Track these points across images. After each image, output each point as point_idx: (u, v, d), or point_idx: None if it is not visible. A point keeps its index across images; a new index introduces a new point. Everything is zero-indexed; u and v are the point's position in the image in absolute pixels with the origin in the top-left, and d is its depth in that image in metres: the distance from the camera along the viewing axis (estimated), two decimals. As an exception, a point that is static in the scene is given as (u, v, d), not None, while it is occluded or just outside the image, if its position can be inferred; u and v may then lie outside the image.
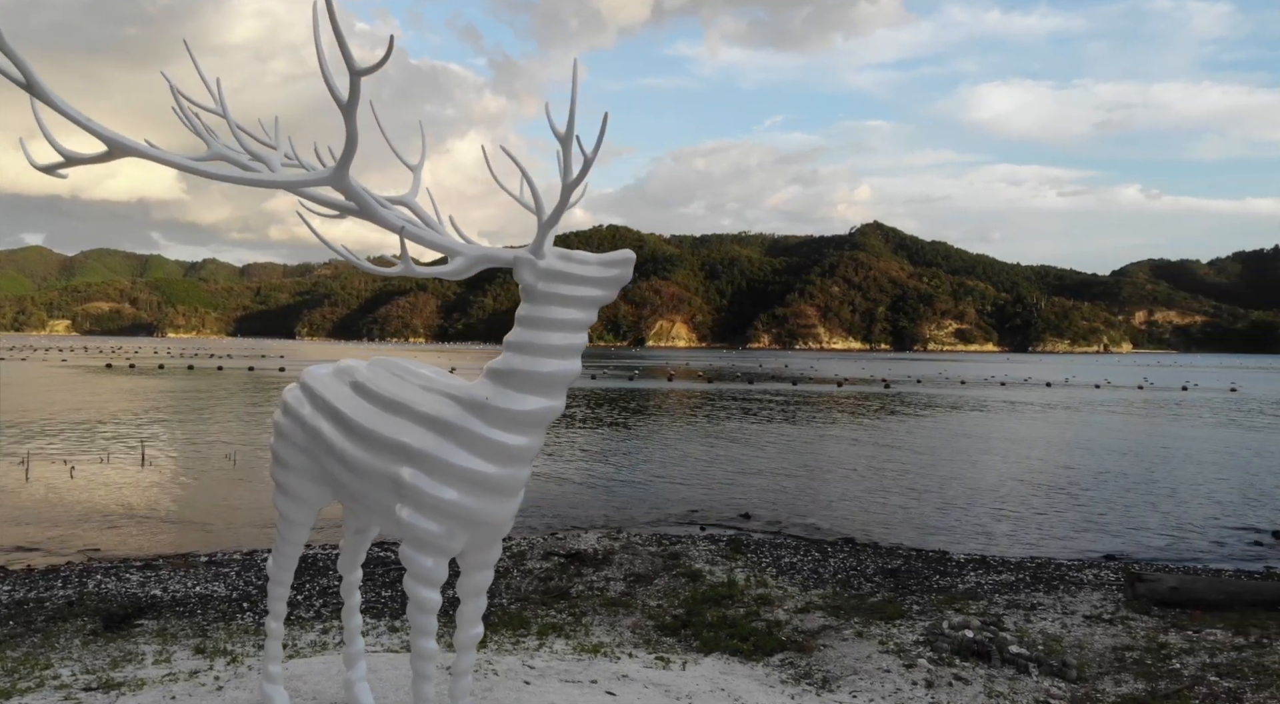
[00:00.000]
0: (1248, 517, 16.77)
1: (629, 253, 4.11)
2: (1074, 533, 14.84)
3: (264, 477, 18.87)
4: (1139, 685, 6.83)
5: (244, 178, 3.55)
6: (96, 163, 3.32)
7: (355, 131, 3.41)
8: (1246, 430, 35.45)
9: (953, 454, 25.69)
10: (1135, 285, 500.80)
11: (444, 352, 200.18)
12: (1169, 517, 16.59)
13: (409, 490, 3.83)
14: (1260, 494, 19.50)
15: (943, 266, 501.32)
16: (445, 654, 6.07)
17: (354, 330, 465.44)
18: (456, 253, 3.92)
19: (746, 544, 12.25)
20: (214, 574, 10.12)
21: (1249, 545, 14.27)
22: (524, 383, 3.82)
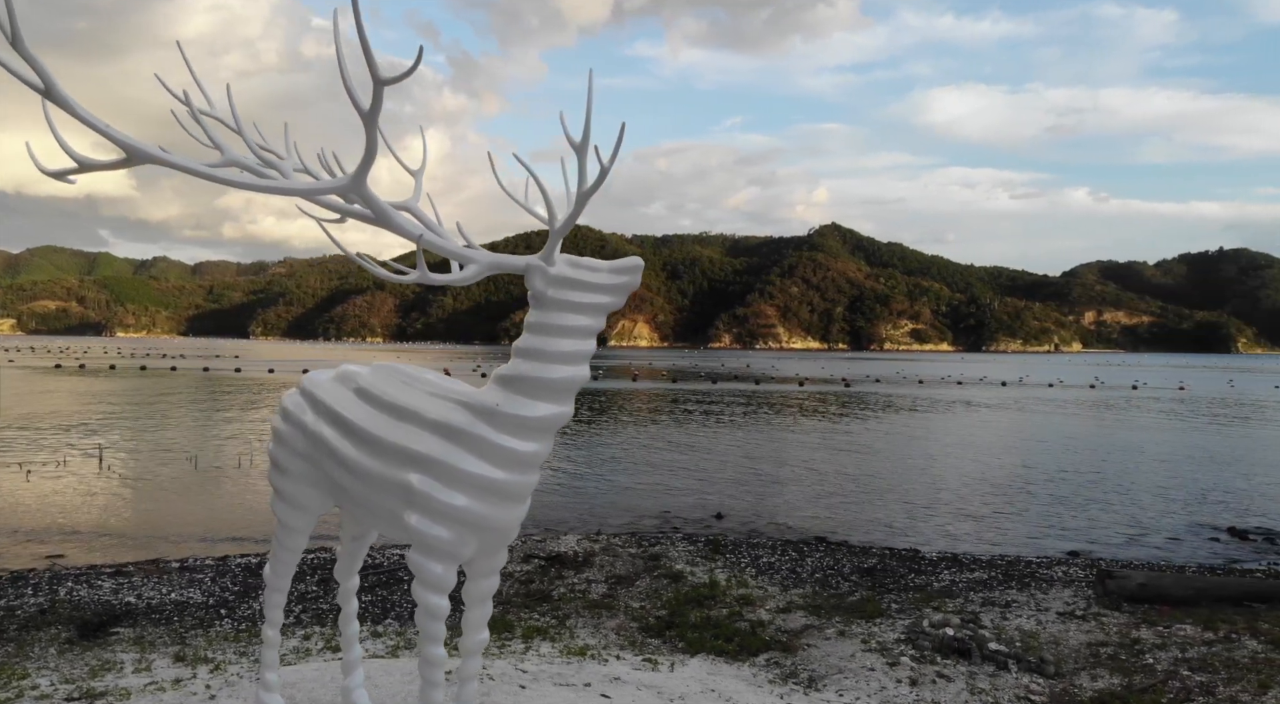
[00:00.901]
0: (1202, 513, 17.28)
1: (638, 260, 4.15)
2: (1037, 531, 15.17)
3: (227, 480, 18.59)
4: (1114, 681, 7.02)
5: (262, 185, 3.52)
6: (113, 169, 3.28)
7: (376, 140, 3.41)
8: (1196, 429, 36.48)
9: (915, 453, 26.09)
10: (1085, 286, 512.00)
11: (403, 351, 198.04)
12: (1127, 514, 17.03)
13: (418, 496, 3.83)
14: (1212, 491, 20.09)
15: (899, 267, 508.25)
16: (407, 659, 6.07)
17: (309, 330, 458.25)
18: (470, 260, 3.93)
19: (724, 544, 12.35)
20: (188, 580, 9.95)
21: (1206, 541, 14.70)
22: (533, 389, 3.84)
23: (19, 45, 2.90)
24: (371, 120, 3.33)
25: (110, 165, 3.24)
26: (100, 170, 3.27)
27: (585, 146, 3.76)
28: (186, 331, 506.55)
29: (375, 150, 3.45)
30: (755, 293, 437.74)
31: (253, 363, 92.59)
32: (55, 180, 3.41)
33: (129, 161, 3.23)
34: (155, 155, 3.26)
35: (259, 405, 39.38)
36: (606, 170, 3.79)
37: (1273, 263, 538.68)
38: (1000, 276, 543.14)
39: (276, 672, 5.13)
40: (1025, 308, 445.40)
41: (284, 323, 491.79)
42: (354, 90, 3.33)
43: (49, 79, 3.02)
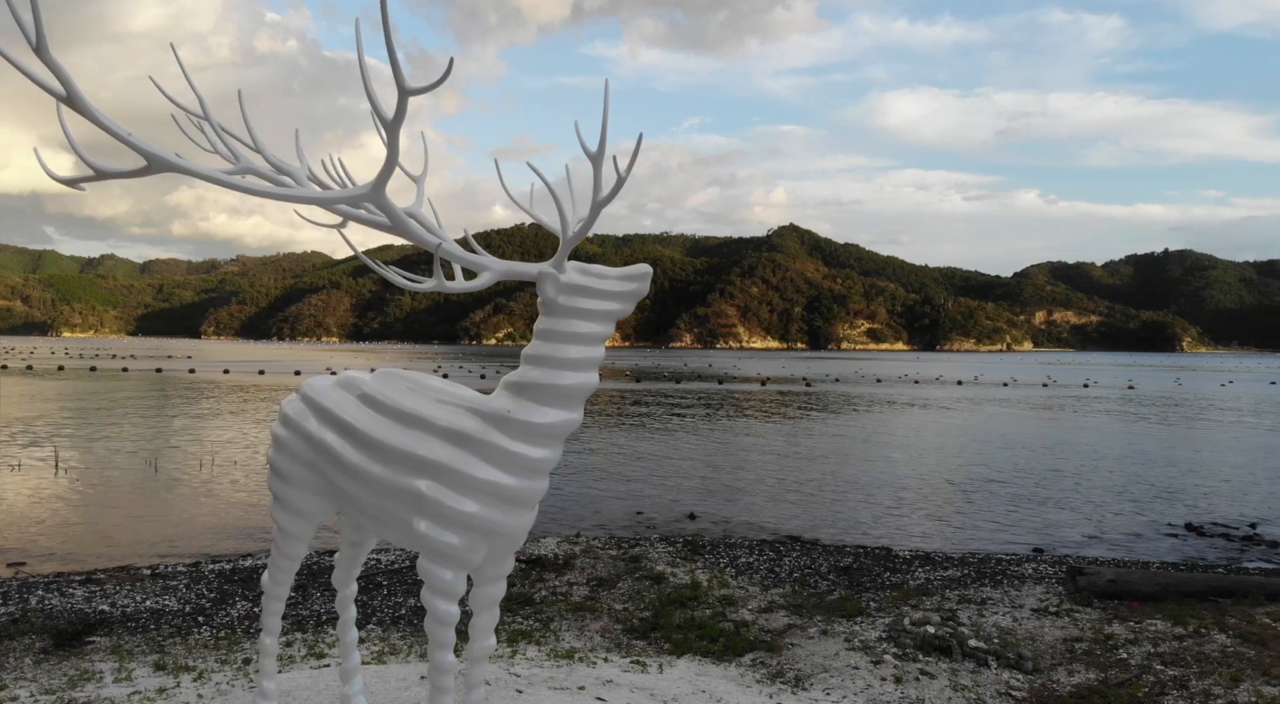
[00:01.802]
0: (1159, 510, 17.78)
1: (647, 267, 4.21)
2: (1001, 528, 15.49)
3: (190, 484, 18.25)
4: (1090, 676, 7.22)
5: (281, 194, 3.50)
6: (132, 177, 3.23)
7: (397, 149, 3.41)
8: (1147, 427, 37.48)
9: (878, 452, 26.46)
10: (1035, 286, 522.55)
11: (359, 351, 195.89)
12: (1086, 511, 17.47)
13: (428, 503, 3.84)
14: (1167, 487, 20.68)
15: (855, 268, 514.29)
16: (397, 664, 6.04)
17: (263, 329, 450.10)
18: (483, 268, 3.94)
19: (702, 545, 12.43)
20: (162, 587, 9.77)
21: (1165, 537, 15.13)
22: (543, 395, 3.88)
23: (43, 51, 2.86)
24: (394, 129, 3.34)
25: (130, 174, 3.20)
26: (119, 178, 3.23)
27: (601, 156, 3.80)
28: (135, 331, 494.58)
29: (395, 159, 3.45)
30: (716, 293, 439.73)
31: (206, 364, 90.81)
32: (69, 187, 3.37)
33: (149, 170, 3.19)
34: (175, 163, 3.23)
35: (216, 407, 38.68)
36: (623, 180, 3.84)
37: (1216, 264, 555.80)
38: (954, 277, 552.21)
39: (275, 680, 5.10)
40: (978, 308, 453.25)
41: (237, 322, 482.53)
42: (376, 99, 3.33)
43: (71, 85, 2.97)
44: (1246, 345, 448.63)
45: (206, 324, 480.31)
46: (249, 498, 16.79)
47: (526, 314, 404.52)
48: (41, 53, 2.86)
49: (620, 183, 3.83)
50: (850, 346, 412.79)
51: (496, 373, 72.52)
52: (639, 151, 3.81)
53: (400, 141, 3.38)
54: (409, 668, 6.56)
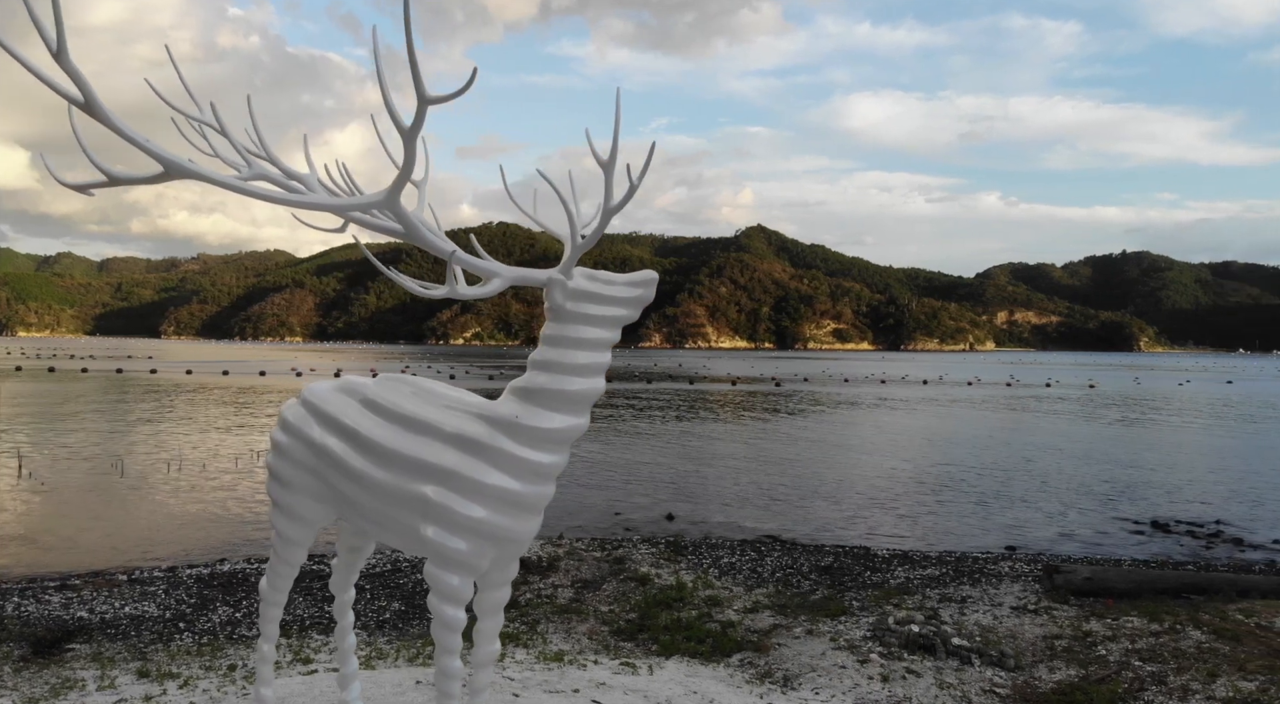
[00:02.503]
0: (1124, 507, 18.16)
1: (653, 273, 4.26)
2: (973, 527, 15.74)
3: (159, 486, 17.96)
4: (1071, 672, 7.38)
5: (296, 200, 3.48)
6: (147, 184, 3.20)
7: (413, 158, 3.40)
8: (1108, 425, 38.22)
9: (849, 452, 26.73)
10: (997, 287, 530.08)
11: (325, 352, 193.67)
12: (1054, 509, 17.79)
13: (436, 509, 3.84)
14: (1130, 485, 21.12)
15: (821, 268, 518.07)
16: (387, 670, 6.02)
17: (225, 329, 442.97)
18: (494, 274, 3.95)
19: (685, 546, 12.50)
20: (140, 593, 9.62)
21: (1131, 534, 15.46)
22: (551, 401, 3.90)
23: (63, 58, 2.83)
24: (411, 138, 3.33)
25: (146, 180, 3.17)
26: (133, 185, 3.19)
27: (612, 164, 3.83)
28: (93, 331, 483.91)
29: (412, 167, 3.45)
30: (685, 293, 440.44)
31: (168, 364, 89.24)
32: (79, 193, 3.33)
33: (166, 176, 3.17)
34: (192, 170, 3.21)
35: (181, 409, 38.06)
36: (635, 187, 3.88)
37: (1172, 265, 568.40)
38: (917, 278, 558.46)
39: (271, 686, 5.07)
40: (941, 308, 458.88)
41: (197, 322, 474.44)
42: (394, 107, 3.33)
43: (89, 92, 2.94)
44: (1202, 345, 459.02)
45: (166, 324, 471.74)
46: (219, 501, 16.56)
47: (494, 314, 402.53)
48: (61, 58, 2.83)
49: (632, 189, 3.87)
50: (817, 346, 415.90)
51: (466, 374, 72.12)
52: (651, 160, 3.85)
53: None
54: (401, 672, 6.54)
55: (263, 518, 15.18)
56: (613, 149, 3.79)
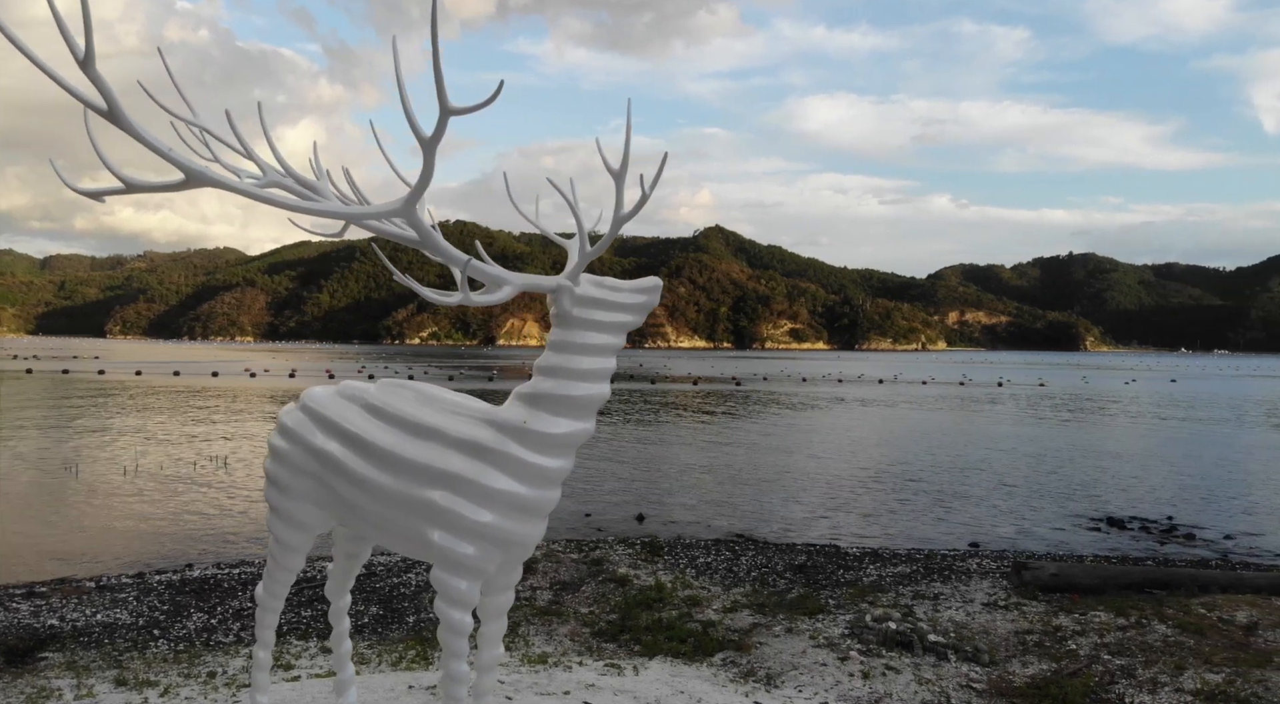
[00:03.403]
0: (1079, 503, 18.65)
1: (657, 280, 4.34)
2: (935, 524, 16.06)
3: (116, 490, 17.58)
4: (1044, 667, 7.60)
5: (313, 208, 3.48)
6: (167, 191, 3.18)
7: (433, 167, 3.42)
8: (1060, 423, 39.18)
9: (811, 451, 27.05)
10: (948, 288, 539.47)
11: (278, 351, 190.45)
12: (1012, 506, 18.22)
13: (443, 513, 3.86)
14: (1084, 482, 21.70)
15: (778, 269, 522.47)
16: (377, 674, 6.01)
17: (173, 328, 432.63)
18: (506, 281, 3.98)
19: (661, 546, 12.57)
20: (110, 600, 9.43)
21: (1088, 531, 15.89)
22: (557, 406, 3.95)
23: (89, 66, 2.80)
24: (431, 147, 3.35)
25: (167, 187, 3.15)
26: (151, 192, 3.17)
27: (623, 173, 3.89)
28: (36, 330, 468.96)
29: (430, 176, 3.46)
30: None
31: (116, 364, 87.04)
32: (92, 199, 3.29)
33: (187, 184, 3.15)
34: (213, 178, 3.20)
35: (133, 410, 37.20)
36: (647, 196, 3.94)
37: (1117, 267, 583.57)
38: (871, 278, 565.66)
39: (267, 694, 5.04)
40: (895, 308, 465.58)
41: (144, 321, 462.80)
42: (414, 117, 3.34)
43: (113, 100, 2.92)
44: (1145, 345, 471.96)
45: (112, 323, 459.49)
46: (179, 506, 16.26)
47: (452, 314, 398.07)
48: (88, 67, 2.80)
49: (644, 199, 3.93)
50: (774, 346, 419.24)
51: (425, 374, 71.43)
52: (663, 170, 3.92)
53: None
54: (390, 677, 6.52)
55: (226, 523, 14.95)
56: (624, 159, 3.86)
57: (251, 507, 16.31)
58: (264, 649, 4.89)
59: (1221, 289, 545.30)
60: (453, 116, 3.29)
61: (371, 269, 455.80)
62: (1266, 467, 25.43)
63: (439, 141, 3.35)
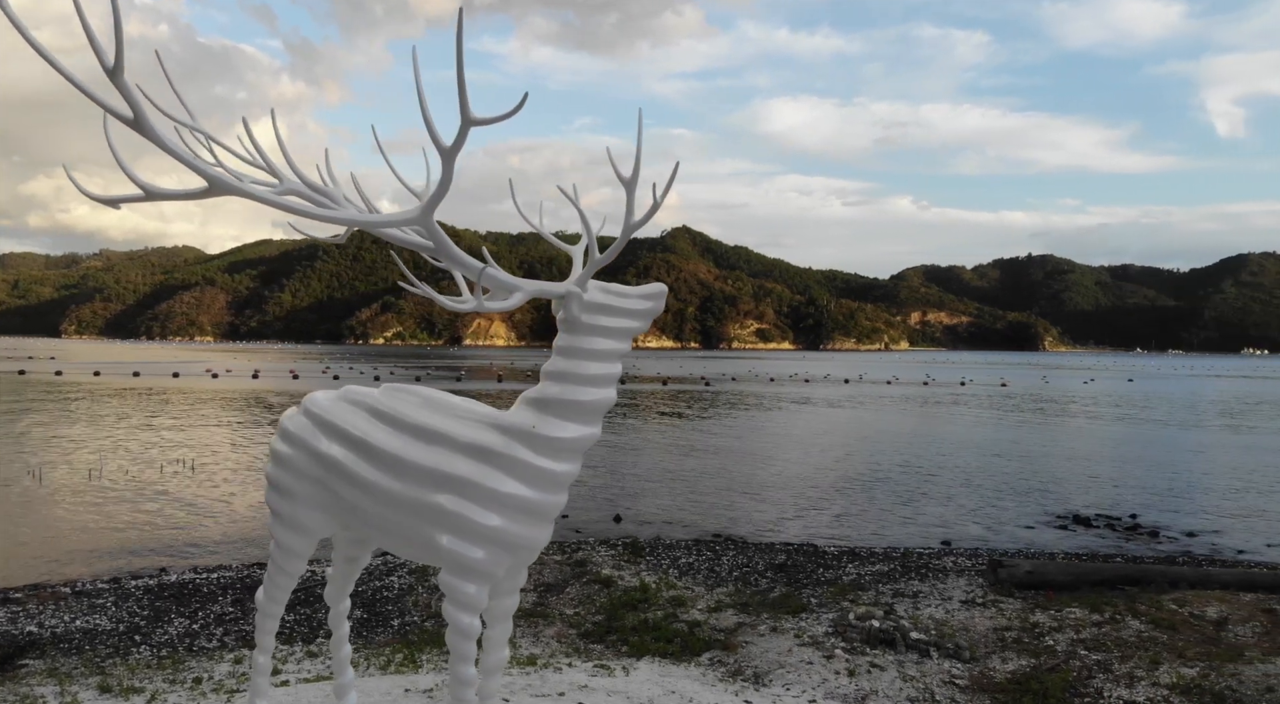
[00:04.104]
0: (1045, 502, 19.03)
1: (662, 286, 4.42)
2: (907, 523, 16.31)
3: (82, 495, 17.27)
4: (1023, 662, 7.78)
5: (332, 216, 3.49)
6: (189, 200, 3.18)
7: (451, 176, 3.45)
8: (1023, 422, 39.87)
9: (781, 451, 27.29)
10: (911, 288, 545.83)
11: (239, 351, 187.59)
12: (978, 504, 18.54)
13: (451, 518, 3.89)
14: (1049, 480, 22.14)
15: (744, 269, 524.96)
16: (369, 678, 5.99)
17: (130, 328, 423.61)
18: (517, 288, 4.03)
19: (642, 547, 12.64)
20: (88, 606, 9.29)
21: (1054, 528, 16.23)
22: (564, 411, 4.00)
23: (118, 75, 2.80)
24: (451, 157, 3.38)
25: (187, 195, 3.15)
26: (173, 200, 3.17)
27: (634, 182, 3.96)
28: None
29: (449, 186, 3.49)
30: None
31: (74, 365, 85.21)
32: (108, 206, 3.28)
33: (210, 192, 3.15)
34: (237, 186, 3.21)
35: (94, 412, 36.46)
36: (658, 205, 4.01)
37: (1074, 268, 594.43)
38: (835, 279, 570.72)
39: (268, 699, 5.03)
40: (858, 309, 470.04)
41: (101, 321, 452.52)
42: (434, 127, 3.37)
43: (139, 110, 2.92)
44: (1102, 345, 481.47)
45: (67, 322, 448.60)
46: (148, 510, 16.02)
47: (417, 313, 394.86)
48: (117, 76, 2.80)
49: (655, 207, 4.00)
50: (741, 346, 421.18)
51: (391, 375, 70.76)
52: (674, 180, 3.98)
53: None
54: (383, 680, 6.52)
55: (197, 527, 14.77)
56: (635, 167, 3.91)
57: (222, 510, 16.12)
58: (264, 654, 4.88)
59: (1175, 290, 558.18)
60: (473, 127, 3.34)
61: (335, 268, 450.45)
62: (1222, 466, 26.12)
63: (459, 151, 3.39)
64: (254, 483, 19.25)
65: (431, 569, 11.02)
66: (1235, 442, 32.98)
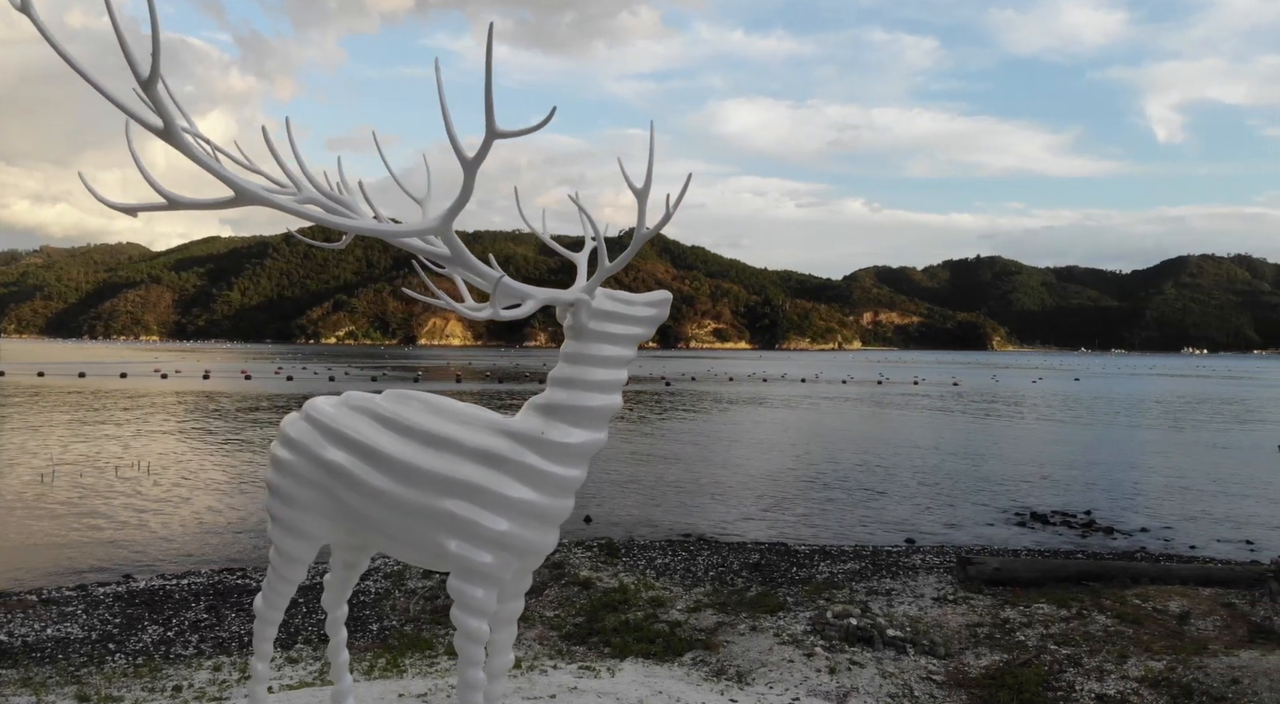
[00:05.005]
0: (1002, 499, 19.50)
1: (667, 294, 4.50)
2: (870, 521, 16.61)
3: (37, 500, 16.85)
4: (995, 658, 7.99)
5: (355, 225, 3.51)
6: (215, 209, 3.17)
7: (471, 188, 3.48)
8: (975, 421, 40.71)
9: (743, 451, 27.57)
10: (863, 289, 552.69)
11: (187, 351, 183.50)
12: (938, 503, 18.94)
13: (460, 523, 3.92)
14: (1004, 478, 22.67)
15: (701, 270, 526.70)
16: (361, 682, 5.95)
17: (73, 327, 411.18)
18: (530, 296, 4.07)
19: (618, 548, 12.69)
20: (59, 614, 9.09)
21: (1013, 526, 16.64)
22: (572, 417, 4.05)
23: (152, 86, 2.79)
24: (473, 169, 3.41)
25: (212, 204, 3.14)
26: (197, 209, 3.16)
27: (646, 192, 4.02)
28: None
29: (469, 196, 3.52)
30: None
31: (15, 365, 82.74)
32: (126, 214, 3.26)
33: (236, 202, 3.15)
34: (263, 196, 3.20)
35: (41, 415, 35.44)
36: (669, 215, 4.08)
37: (1021, 269, 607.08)
38: (790, 279, 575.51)
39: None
40: (812, 309, 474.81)
41: (41, 319, 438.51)
42: (457, 139, 3.40)
43: (170, 121, 2.91)
44: (1048, 344, 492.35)
45: (6, 321, 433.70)
46: (104, 515, 15.68)
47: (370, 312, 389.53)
48: (151, 87, 2.79)
49: (667, 217, 4.07)
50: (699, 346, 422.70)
51: (346, 375, 69.86)
52: (686, 190, 4.06)
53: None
54: (376, 686, 6.49)
55: (159, 531, 14.50)
56: (647, 177, 3.98)
57: (183, 514, 15.84)
58: (262, 661, 4.86)
59: (1118, 291, 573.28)
60: (497, 139, 3.38)
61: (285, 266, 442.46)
62: (1170, 464, 26.96)
63: (481, 162, 3.42)
64: (212, 486, 18.92)
65: (408, 573, 10.96)
66: (1180, 439, 34.07)
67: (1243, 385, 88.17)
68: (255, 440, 27.53)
